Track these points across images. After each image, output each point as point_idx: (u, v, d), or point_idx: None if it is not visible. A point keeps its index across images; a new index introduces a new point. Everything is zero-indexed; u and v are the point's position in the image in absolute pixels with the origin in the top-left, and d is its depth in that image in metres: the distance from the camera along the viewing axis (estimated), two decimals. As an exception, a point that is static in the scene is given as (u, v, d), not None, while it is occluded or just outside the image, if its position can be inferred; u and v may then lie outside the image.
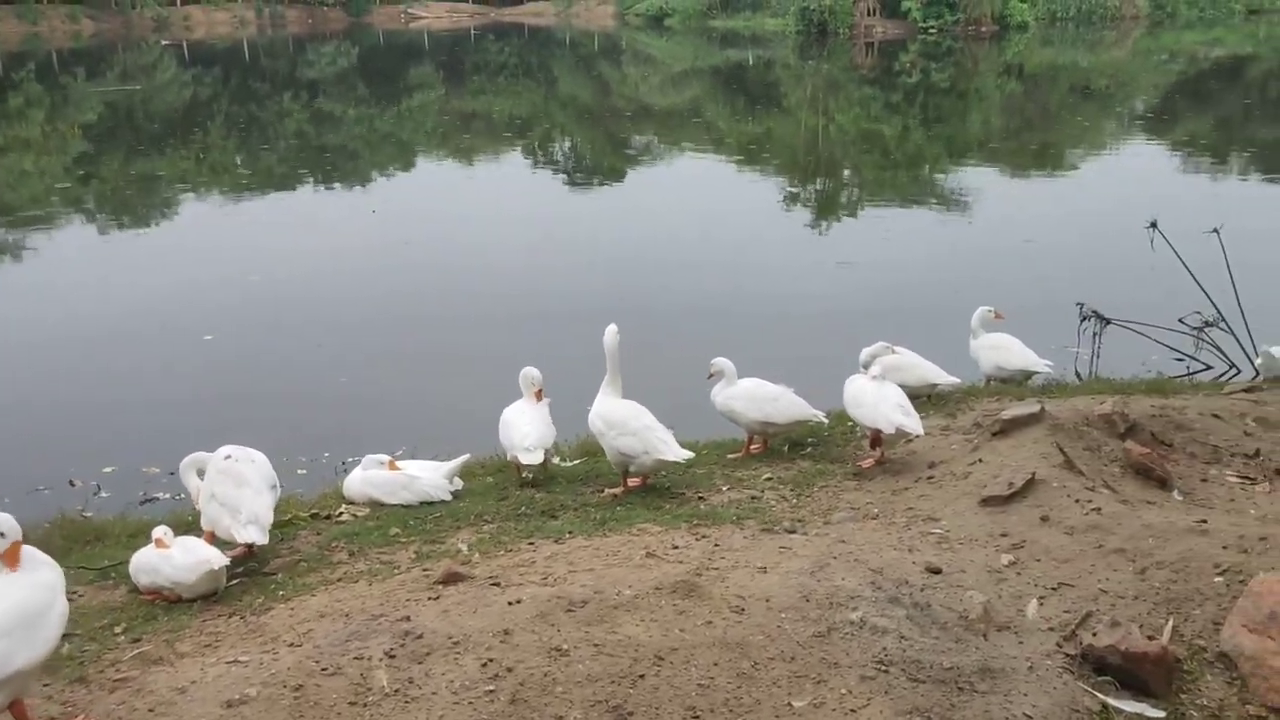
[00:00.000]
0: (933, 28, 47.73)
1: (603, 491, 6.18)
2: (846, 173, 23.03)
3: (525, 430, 6.17)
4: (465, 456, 6.36)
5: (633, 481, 6.17)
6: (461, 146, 25.88)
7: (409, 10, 69.16)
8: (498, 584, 4.35)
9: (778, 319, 11.42)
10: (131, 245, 15.96)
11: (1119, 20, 50.87)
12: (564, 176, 22.62)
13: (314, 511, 6.04)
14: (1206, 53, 42.42)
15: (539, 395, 6.41)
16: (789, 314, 11.55)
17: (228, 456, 5.35)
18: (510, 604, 4.07)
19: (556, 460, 6.84)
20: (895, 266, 13.43)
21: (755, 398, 6.55)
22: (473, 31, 61.07)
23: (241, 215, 17.77)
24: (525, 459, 6.11)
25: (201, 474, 5.49)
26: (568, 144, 27.94)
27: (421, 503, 6.03)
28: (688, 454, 5.96)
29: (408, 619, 3.94)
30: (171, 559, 4.82)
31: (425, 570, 4.84)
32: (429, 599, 4.25)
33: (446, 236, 16.07)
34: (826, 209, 18.25)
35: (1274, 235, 14.25)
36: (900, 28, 48.45)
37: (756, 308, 11.88)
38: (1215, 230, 9.02)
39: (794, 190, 20.00)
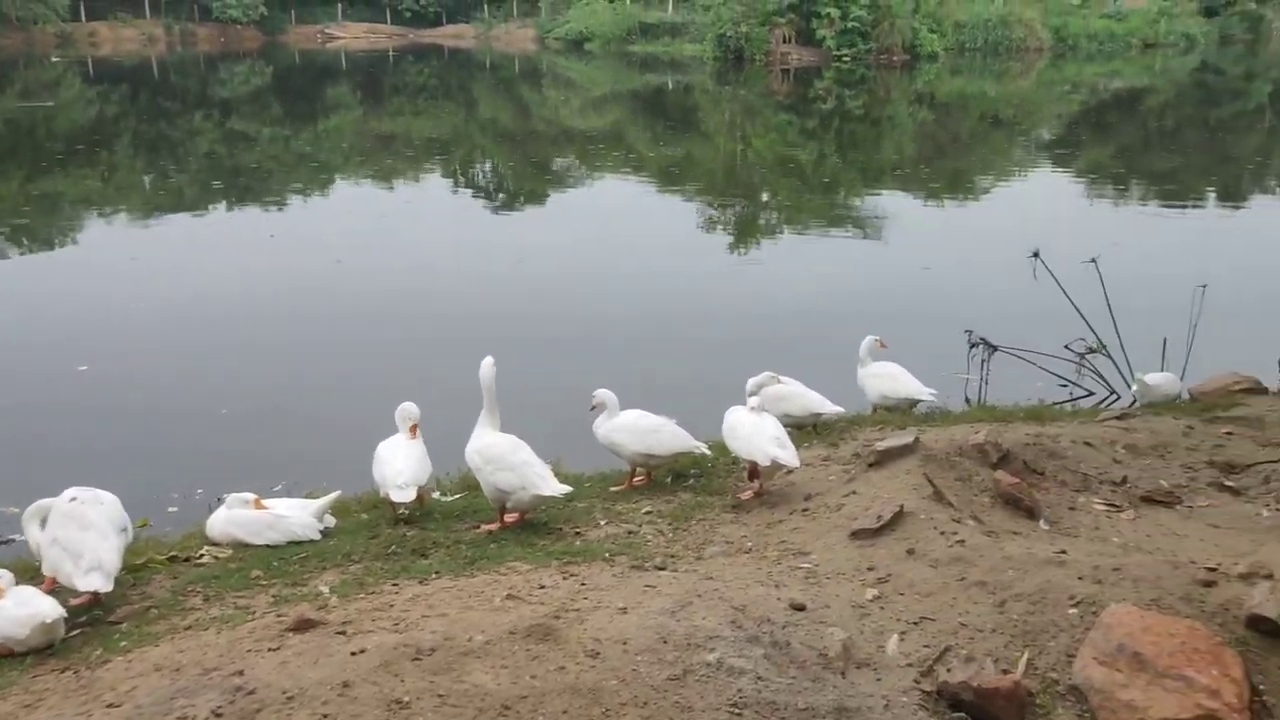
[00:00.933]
0: (846, 56, 48.61)
1: (479, 528, 6.05)
2: (764, 197, 23.28)
3: (399, 467, 6.02)
4: (336, 493, 6.18)
5: (510, 517, 6.05)
6: (380, 168, 25.55)
7: (326, 30, 68.23)
8: (344, 632, 4.19)
9: (677, 346, 11.41)
10: (19, 268, 15.39)
11: (1024, 52, 52.41)
12: (484, 199, 22.47)
13: (173, 554, 5.79)
14: (1106, 84, 43.90)
15: (414, 431, 6.27)
16: (689, 341, 11.54)
17: (73, 499, 5.10)
18: (354, 653, 3.93)
19: (437, 495, 6.69)
20: (799, 293, 13.54)
21: (637, 430, 6.49)
22: (391, 53, 60.49)
23: (139, 237, 17.26)
24: (397, 497, 5.96)
25: (44, 523, 5.21)
26: (488, 166, 27.80)
27: (289, 542, 5.83)
28: (566, 489, 5.87)
29: (241, 673, 3.77)
30: (3, 610, 4.57)
31: (279, 616, 4.66)
32: (270, 650, 4.08)
33: (355, 261, 15.78)
34: (742, 234, 18.37)
35: (1171, 258, 14.72)
36: (815, 55, 49.25)
37: (657, 334, 11.87)
38: (1093, 260, 9.26)
39: (711, 214, 20.13)
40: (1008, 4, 53.81)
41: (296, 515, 5.90)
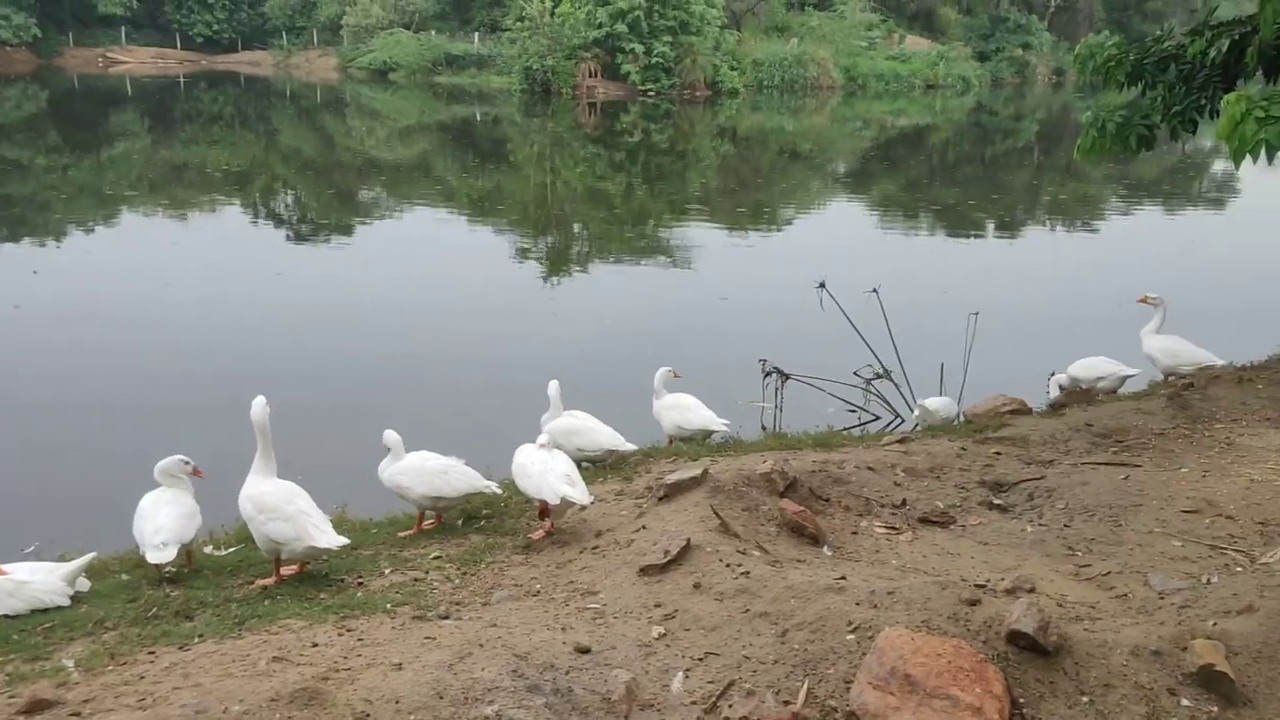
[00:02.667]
0: (651, 91, 49.70)
1: (253, 583, 5.67)
2: (574, 228, 23.35)
3: (159, 524, 5.58)
4: (91, 555, 5.65)
5: (287, 570, 5.70)
6: (171, 199, 24.14)
7: (108, 54, 64.24)
8: (79, 714, 3.80)
9: (475, 381, 11.22)
10: None
11: (818, 89, 54.96)
12: (285, 230, 21.57)
13: (-109, 632, 5.16)
14: (893, 121, 46.54)
15: (197, 472, 5.86)
16: (488, 375, 11.37)
17: None
18: (89, 738, 3.56)
19: (209, 549, 6.25)
20: (600, 324, 13.59)
21: (424, 471, 6.27)
22: (182, 79, 57.60)
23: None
24: (154, 557, 5.51)
25: None
26: (290, 197, 26.77)
27: (33, 610, 5.28)
28: (343, 540, 5.57)
29: (-51, 770, 3.35)
30: None
31: (11, 698, 4.19)
32: (-12, 740, 3.65)
33: (136, 292, 14.80)
34: (551, 265, 18.34)
35: (951, 286, 15.57)
36: (621, 90, 50.12)
37: (456, 369, 11.65)
38: (874, 290, 9.67)
39: (521, 246, 20.02)
40: (802, 44, 56.32)
41: (42, 580, 5.35)
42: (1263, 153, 7.07)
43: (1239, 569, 5.36)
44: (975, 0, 67.48)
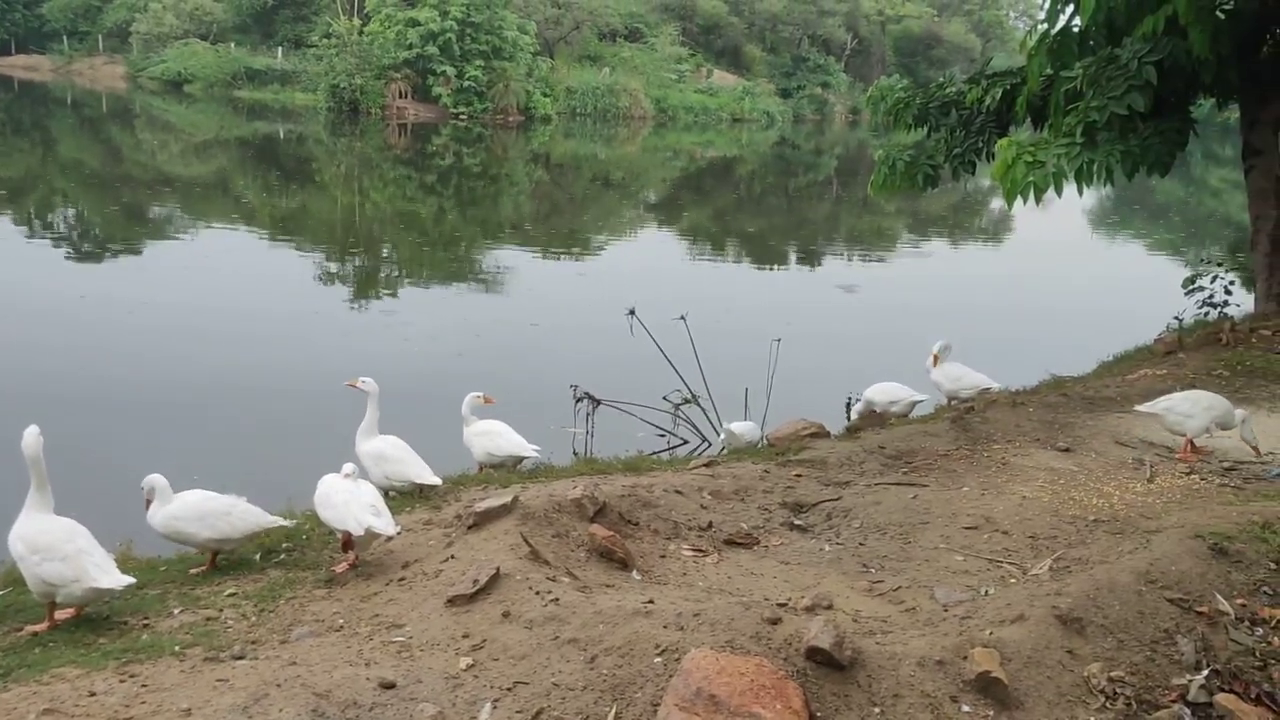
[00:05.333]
0: (463, 114, 49.35)
1: (21, 630, 5.22)
2: (383, 251, 22.83)
3: (-89, 566, 5.08)
4: None
5: (61, 614, 5.28)
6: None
7: None
8: None
9: (270, 409, 10.79)
10: None
11: (630, 119, 56.06)
12: (66, 249, 20.10)
13: None
14: (702, 153, 47.96)
15: None
16: (285, 403, 10.96)
17: None
18: None
19: (-30, 595, 5.72)
20: (408, 349, 13.32)
21: (205, 515, 5.92)
22: (-53, 81, 53.24)
23: None
24: (-90, 601, 5.01)
25: None
26: (70, 212, 24.99)
27: None
28: (128, 580, 5.21)
29: None
30: None
31: None
32: None
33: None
34: (359, 289, 17.85)
35: (755, 313, 16.12)
36: (432, 112, 49.54)
37: (251, 396, 11.16)
38: (682, 317, 9.91)
39: (327, 268, 19.39)
40: (614, 74, 57.33)
41: None
42: (1031, 194, 7.72)
43: (1013, 580, 5.76)
44: (778, 40, 70.61)
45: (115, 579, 5.17)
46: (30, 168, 30.60)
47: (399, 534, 5.95)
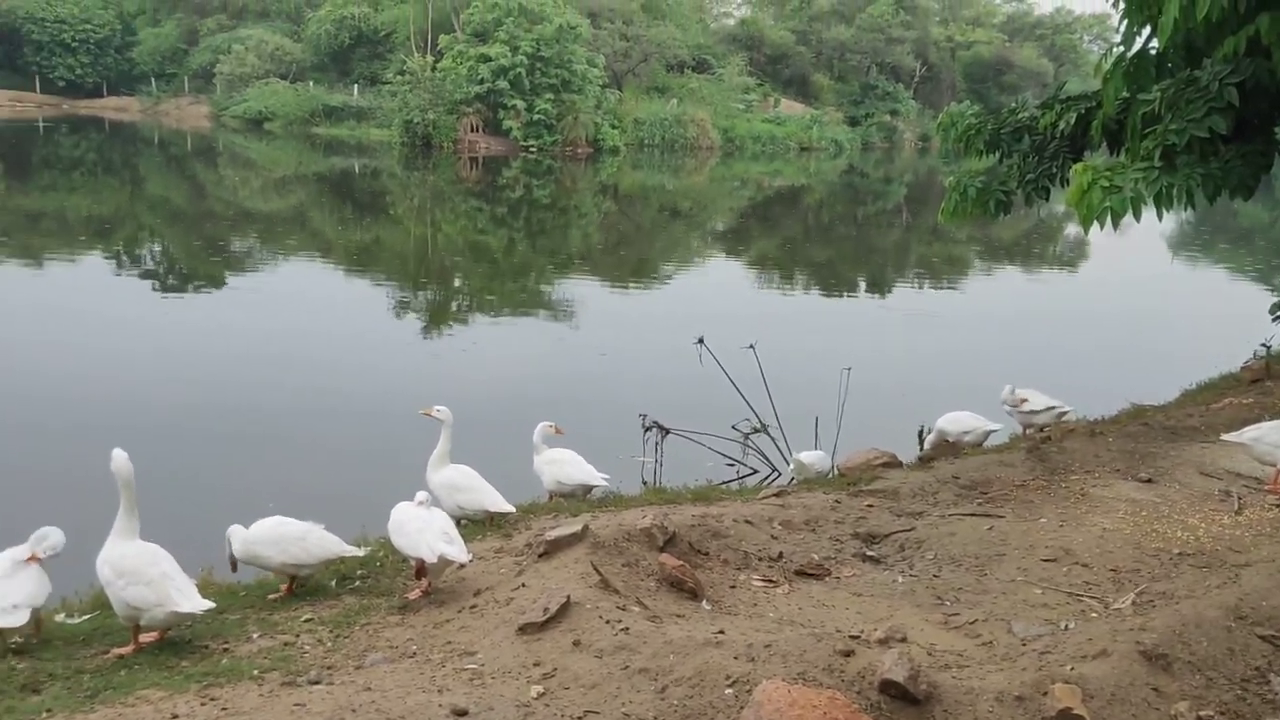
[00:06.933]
0: (533, 147, 50.01)
1: (108, 652, 5.37)
2: (455, 282, 23.20)
3: (6, 589, 5.25)
4: (-75, 626, 5.29)
5: (146, 637, 5.42)
6: (26, 246, 23.01)
7: (-42, 97, 61.54)
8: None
9: (352, 437, 10.98)
10: None
11: (697, 149, 56.28)
12: (153, 282, 20.80)
13: None
14: (769, 182, 47.92)
15: (35, 559, 5.51)
16: (365, 431, 11.15)
17: None
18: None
19: (61, 617, 5.90)
20: (482, 380, 13.48)
21: (280, 539, 6.05)
22: (42, 123, 55.47)
23: None
24: (5, 622, 5.18)
25: None
26: (158, 248, 25.86)
27: None
28: (208, 605, 5.33)
29: None
30: None
31: None
32: None
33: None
34: (431, 320, 18.15)
35: (825, 342, 16.00)
36: (503, 145, 50.31)
37: (332, 425, 11.38)
38: (751, 346, 9.88)
39: (400, 299, 19.77)
40: (682, 105, 57.68)
41: None
42: (1108, 219, 7.56)
43: (1094, 615, 5.61)
44: (846, 68, 70.41)
45: (196, 603, 5.30)
46: (120, 205, 31.74)
47: (471, 562, 6.01)
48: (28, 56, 64.82)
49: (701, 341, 10.05)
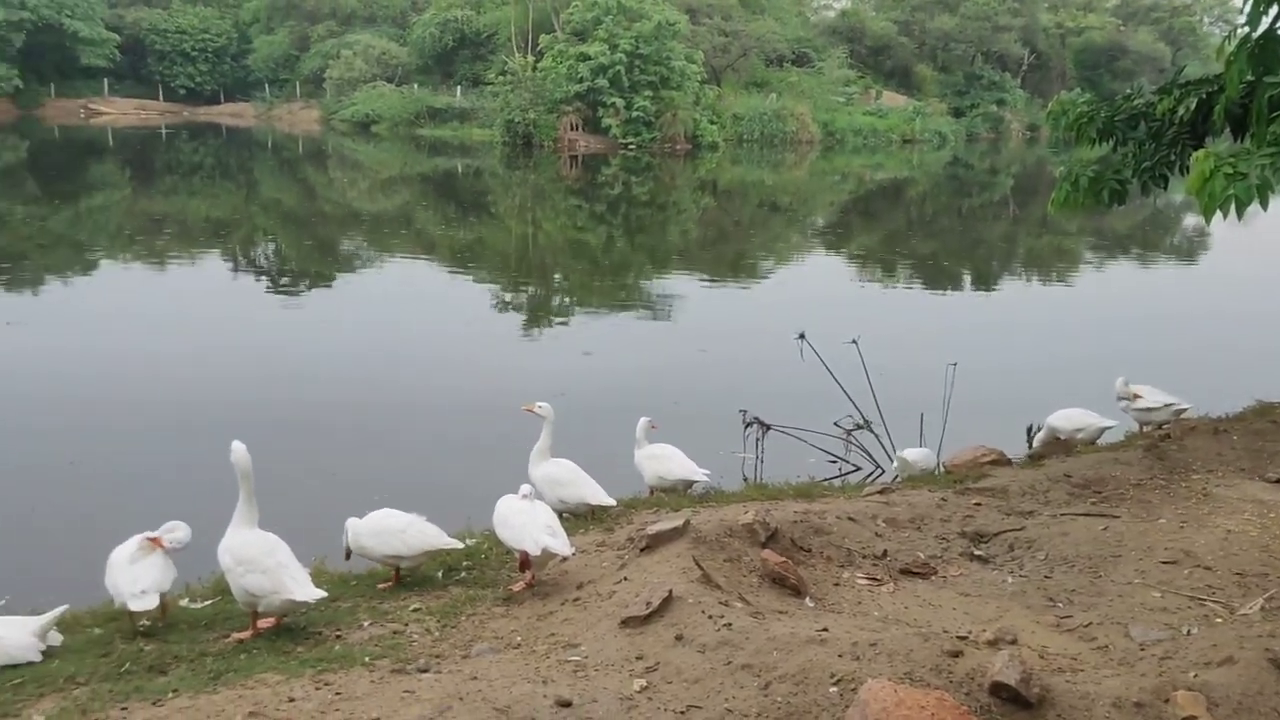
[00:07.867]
0: (632, 144, 50.21)
1: (228, 637, 5.59)
2: (555, 279, 23.45)
3: (136, 574, 5.51)
4: (62, 608, 5.56)
5: (263, 623, 5.63)
6: (150, 249, 24.08)
7: (90, 105, 64.46)
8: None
9: (459, 431, 11.18)
10: None
11: (797, 143, 55.72)
12: (266, 281, 21.56)
13: None
14: (871, 175, 47.17)
15: (157, 544, 5.76)
16: (471, 426, 11.35)
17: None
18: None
19: (184, 602, 6.17)
20: (583, 375, 13.58)
21: (383, 531, 6.20)
22: (164, 130, 57.87)
23: None
24: (136, 605, 5.44)
25: None
26: (271, 248, 26.79)
27: (4, 667, 5.19)
28: (320, 593, 5.51)
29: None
30: None
31: (-21, 755, 4.11)
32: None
33: (118, 345, 14.71)
34: (532, 317, 18.39)
35: (930, 337, 15.69)
36: (602, 143, 50.64)
37: (439, 420, 11.61)
38: (854, 341, 9.74)
39: (502, 297, 20.09)
40: (780, 99, 57.17)
41: (11, 634, 5.26)
42: (1232, 208, 7.22)
43: (1218, 620, 5.38)
44: (950, 58, 68.84)
45: (309, 592, 5.48)
46: (236, 207, 32.95)
47: (574, 555, 6.07)
48: (151, 66, 67.92)
49: (803, 336, 9.95)
